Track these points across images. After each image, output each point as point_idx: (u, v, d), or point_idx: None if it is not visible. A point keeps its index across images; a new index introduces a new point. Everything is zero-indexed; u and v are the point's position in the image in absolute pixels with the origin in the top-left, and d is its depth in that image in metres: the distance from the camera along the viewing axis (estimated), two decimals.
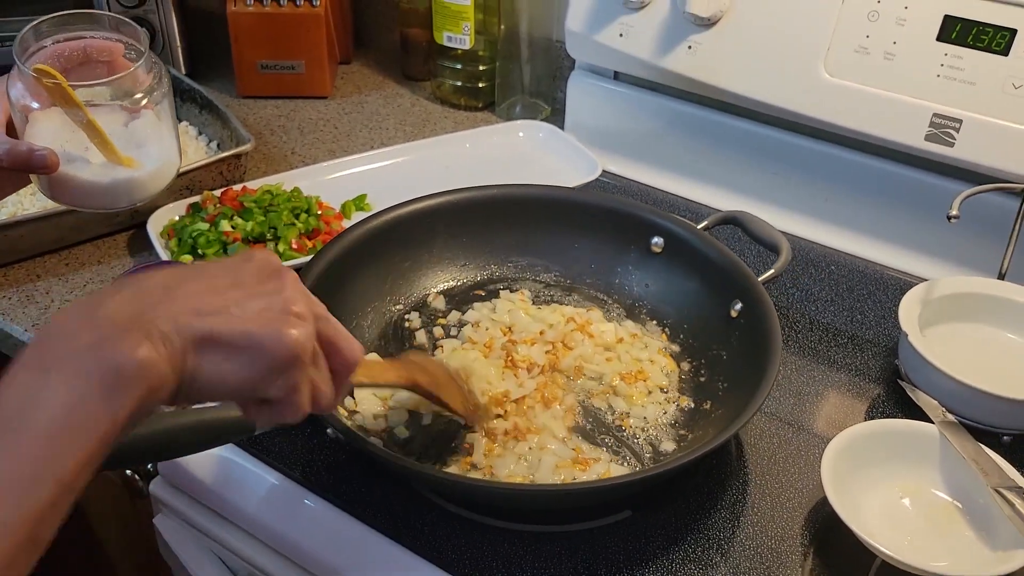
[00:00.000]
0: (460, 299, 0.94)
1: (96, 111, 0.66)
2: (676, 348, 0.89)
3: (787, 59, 0.99)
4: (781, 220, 0.95)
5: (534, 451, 0.75)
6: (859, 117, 0.97)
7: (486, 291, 0.95)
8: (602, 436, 0.79)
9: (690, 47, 1.05)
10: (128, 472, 0.90)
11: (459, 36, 1.29)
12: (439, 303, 0.92)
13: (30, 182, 0.70)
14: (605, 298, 0.95)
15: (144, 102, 0.68)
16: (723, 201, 1.12)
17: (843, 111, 0.98)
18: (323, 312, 0.52)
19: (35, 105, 0.65)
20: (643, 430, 0.80)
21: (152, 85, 0.68)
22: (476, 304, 0.93)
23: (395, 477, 0.75)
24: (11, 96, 0.66)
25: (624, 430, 0.79)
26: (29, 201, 0.99)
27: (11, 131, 0.67)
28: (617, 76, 1.19)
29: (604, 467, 0.75)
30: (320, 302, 0.53)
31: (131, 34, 0.69)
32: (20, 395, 0.42)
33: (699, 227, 0.92)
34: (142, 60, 0.68)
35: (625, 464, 0.77)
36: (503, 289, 0.95)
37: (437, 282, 0.94)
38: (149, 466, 0.88)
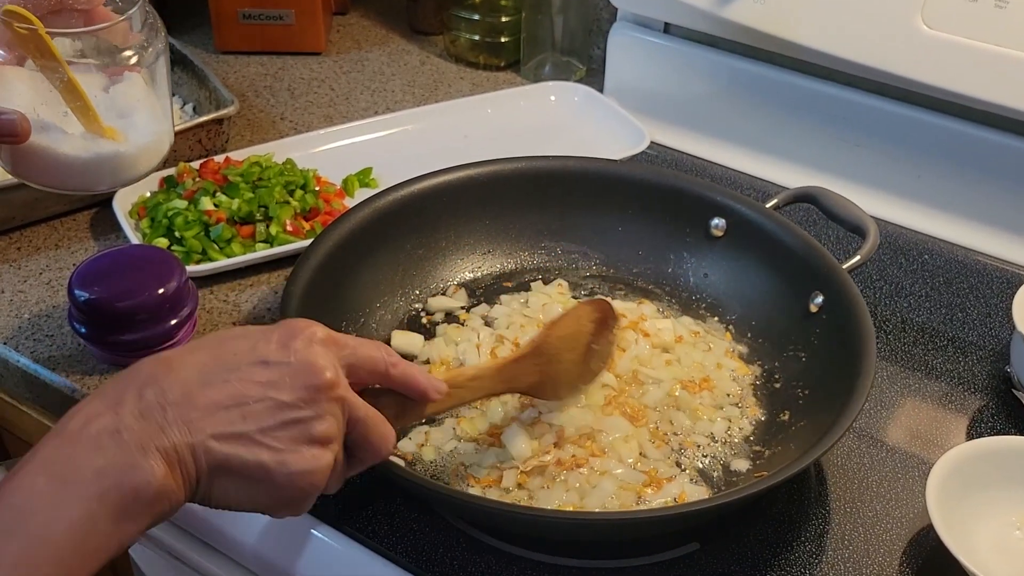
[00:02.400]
0: (485, 292, 0.93)
1: (75, 69, 0.64)
2: (743, 349, 0.88)
3: (877, 7, 0.98)
4: (864, 201, 0.94)
5: (591, 475, 0.75)
6: (963, 77, 0.96)
7: (515, 282, 0.94)
8: (663, 451, 0.78)
9: None
10: None
11: None
12: (460, 297, 0.92)
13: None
14: (656, 290, 0.94)
15: (133, 61, 0.66)
16: (793, 178, 1.11)
17: (943, 70, 0.97)
18: (358, 409, 0.58)
19: (0, 56, 0.63)
20: (711, 445, 0.79)
21: (144, 42, 0.66)
22: (504, 297, 0.93)
23: (421, 503, 0.74)
24: None
25: (686, 448, 0.79)
26: None
27: None
28: (668, 29, 1.19)
29: (679, 488, 0.74)
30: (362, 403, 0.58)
31: None
32: (39, 503, 0.47)
33: (767, 206, 0.92)
34: (135, 9, 0.66)
35: (700, 484, 0.76)
36: (534, 280, 0.94)
37: (457, 272, 0.94)
38: None
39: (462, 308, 0.91)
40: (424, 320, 0.90)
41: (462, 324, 0.89)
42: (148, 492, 0.49)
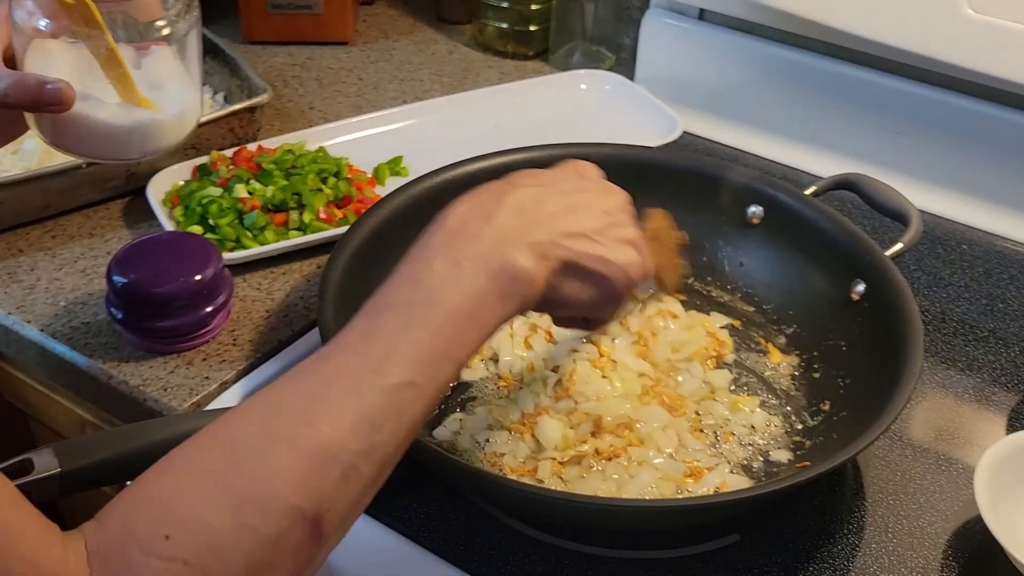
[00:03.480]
0: None
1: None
2: (781, 340, 0.88)
3: None
4: (904, 189, 0.93)
5: (630, 466, 0.74)
6: (1009, 63, 0.95)
7: None
8: (703, 442, 0.78)
9: None
10: (128, 483, 0.89)
11: None
12: None
13: (26, 130, 0.69)
14: (690, 279, 0.94)
15: (165, 33, 0.67)
16: (830, 168, 1.09)
17: (989, 55, 0.96)
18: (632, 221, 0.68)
19: (44, 24, 0.64)
20: (750, 435, 0.79)
21: (175, 16, 0.67)
22: None
23: (457, 492, 0.74)
24: (15, 19, 0.64)
25: (725, 439, 0.78)
26: (9, 161, 0.99)
27: (10, 64, 0.66)
28: (703, 15, 1.18)
29: (720, 478, 0.74)
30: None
31: None
32: (440, 280, 0.56)
33: (807, 193, 0.91)
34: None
35: (740, 474, 0.76)
36: None
37: None
38: None
39: None
40: None
41: None
42: (523, 276, 0.58)
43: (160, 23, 0.66)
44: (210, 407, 0.80)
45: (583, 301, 0.63)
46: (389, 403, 0.52)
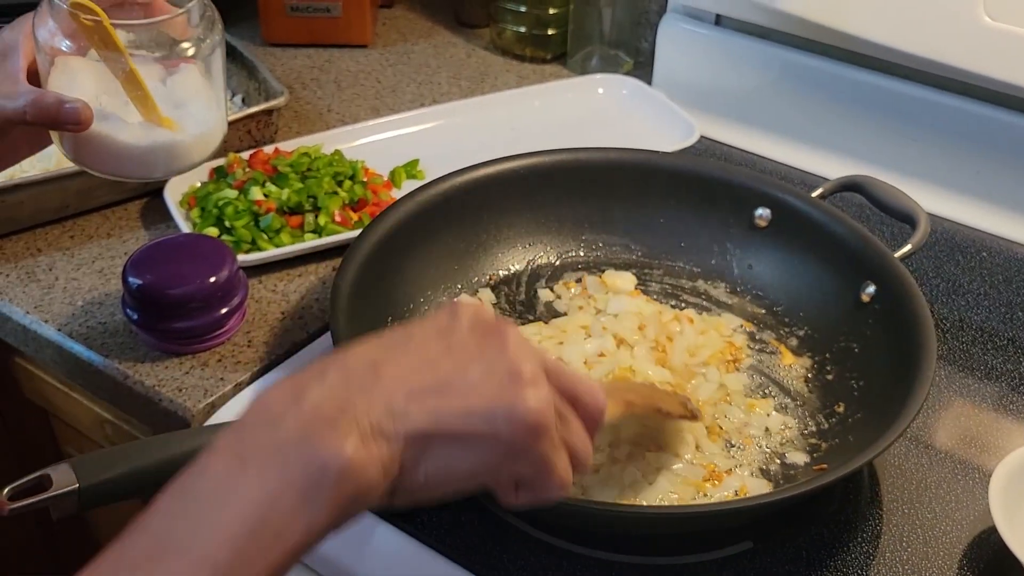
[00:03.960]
0: (528, 282, 0.93)
1: (134, 60, 0.64)
2: (793, 342, 0.87)
3: None
4: (921, 196, 0.93)
5: (648, 472, 0.74)
6: None
7: (552, 275, 0.94)
8: (720, 445, 0.77)
9: None
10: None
11: None
12: (485, 297, 0.91)
13: (51, 142, 0.70)
14: (700, 282, 0.93)
15: (190, 53, 0.67)
16: (848, 174, 1.09)
17: (1006, 63, 0.95)
18: (553, 363, 0.51)
19: (66, 46, 0.64)
20: (767, 438, 0.78)
21: (201, 35, 0.67)
22: (543, 293, 0.92)
23: (474, 499, 0.73)
24: (38, 37, 0.65)
25: (743, 442, 0.78)
26: (28, 162, 0.99)
27: (33, 80, 0.67)
28: (719, 21, 1.18)
29: (739, 481, 0.73)
30: (543, 351, 0.51)
31: None
32: (211, 485, 0.42)
33: (813, 195, 0.91)
34: (193, 3, 0.66)
35: (759, 477, 0.75)
36: (573, 271, 0.94)
37: (497, 266, 0.93)
38: None
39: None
40: None
41: None
42: (335, 465, 0.43)
43: (186, 44, 0.67)
44: (224, 408, 0.80)
45: (470, 470, 0.47)
46: None
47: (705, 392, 0.81)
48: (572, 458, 0.50)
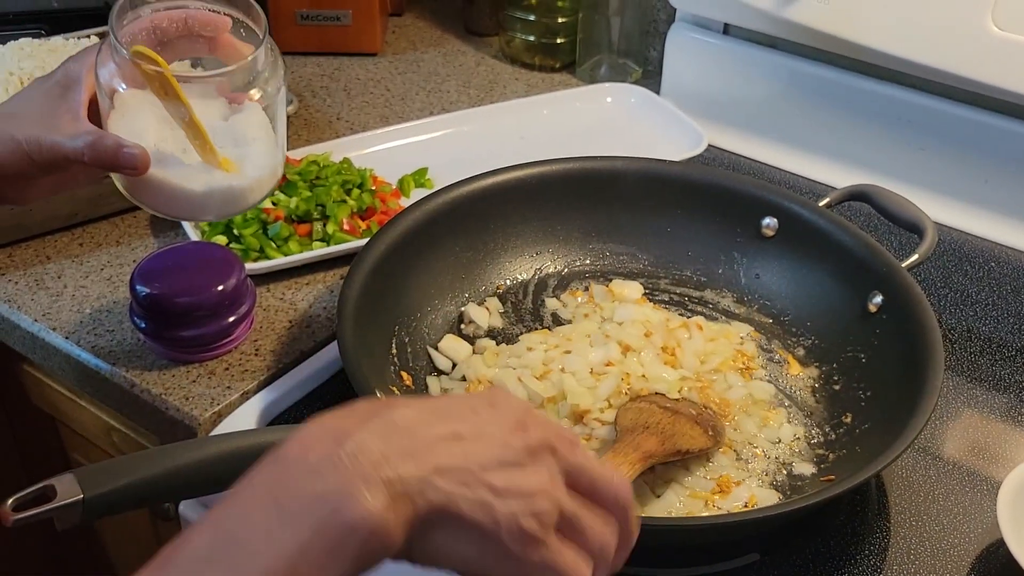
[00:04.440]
0: (534, 292, 0.93)
1: (194, 96, 0.64)
2: (800, 351, 0.87)
3: (945, 8, 0.96)
4: (929, 206, 0.92)
5: (656, 484, 0.73)
6: None
7: (559, 283, 0.94)
8: (729, 457, 0.77)
9: None
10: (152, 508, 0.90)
11: None
12: (493, 306, 0.90)
13: (104, 175, 0.69)
14: (707, 291, 0.93)
15: (256, 97, 0.66)
16: (856, 182, 1.08)
17: (1014, 72, 0.95)
18: (573, 458, 0.51)
19: (123, 89, 0.64)
20: (775, 448, 0.78)
21: (267, 76, 0.66)
22: (551, 302, 0.92)
23: None
24: (100, 76, 0.65)
25: (751, 452, 0.77)
26: None
27: (93, 115, 0.67)
28: (727, 30, 1.17)
29: (748, 491, 0.73)
30: (569, 434, 0.52)
31: (243, 7, 0.68)
32: (250, 532, 0.43)
33: (820, 204, 0.90)
34: (260, 49, 0.66)
35: (767, 487, 0.75)
36: (580, 280, 0.93)
37: (504, 275, 0.93)
38: None
39: (490, 332, 0.88)
40: (463, 328, 0.89)
41: (505, 343, 0.87)
42: (366, 525, 0.44)
43: (253, 91, 0.66)
44: (230, 417, 0.80)
45: (464, 560, 0.48)
46: None
47: (738, 394, 0.81)
48: (592, 554, 0.51)
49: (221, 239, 0.94)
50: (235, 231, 0.94)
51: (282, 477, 0.45)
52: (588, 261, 0.95)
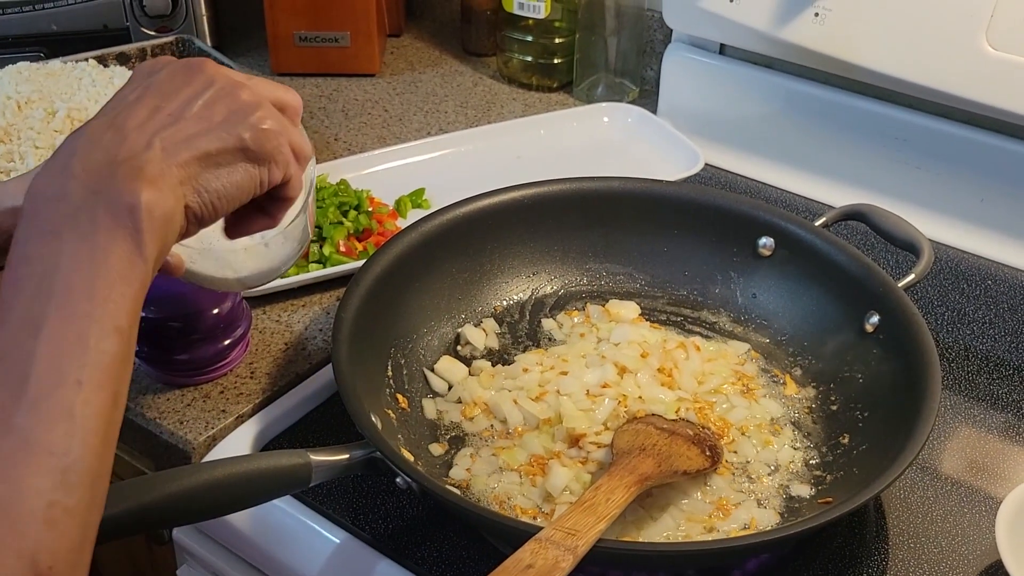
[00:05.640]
0: (531, 312, 0.92)
1: None
2: (797, 371, 0.86)
3: (940, 28, 0.96)
4: (926, 224, 0.92)
5: (653, 508, 0.72)
6: None
7: (556, 304, 0.93)
8: (727, 479, 0.76)
9: (817, 14, 1.02)
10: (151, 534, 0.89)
11: (533, 3, 1.27)
12: (490, 327, 0.90)
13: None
14: (704, 311, 0.93)
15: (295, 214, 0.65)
16: (853, 201, 1.08)
17: (1008, 92, 0.95)
18: (244, 77, 0.58)
19: None
20: (771, 469, 0.77)
21: (307, 192, 0.65)
22: (548, 323, 0.91)
23: (473, 532, 0.73)
24: None
25: (749, 475, 0.76)
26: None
27: None
28: (723, 50, 1.17)
29: (748, 513, 0.72)
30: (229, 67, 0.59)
31: None
32: (43, 265, 0.46)
33: (816, 224, 0.90)
34: (303, 201, 0.64)
35: (766, 508, 0.74)
36: (577, 301, 0.93)
37: (500, 297, 0.92)
38: None
39: (486, 354, 0.88)
40: (460, 349, 0.88)
41: (502, 364, 0.87)
42: (140, 204, 0.49)
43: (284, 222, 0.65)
44: (225, 441, 0.79)
45: (237, 184, 0.55)
46: (57, 417, 0.44)
47: (739, 415, 0.80)
48: (296, 152, 0.59)
49: None
50: None
51: (40, 215, 0.48)
52: (585, 281, 0.95)
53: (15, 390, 0.44)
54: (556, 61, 1.33)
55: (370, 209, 1.02)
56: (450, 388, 0.84)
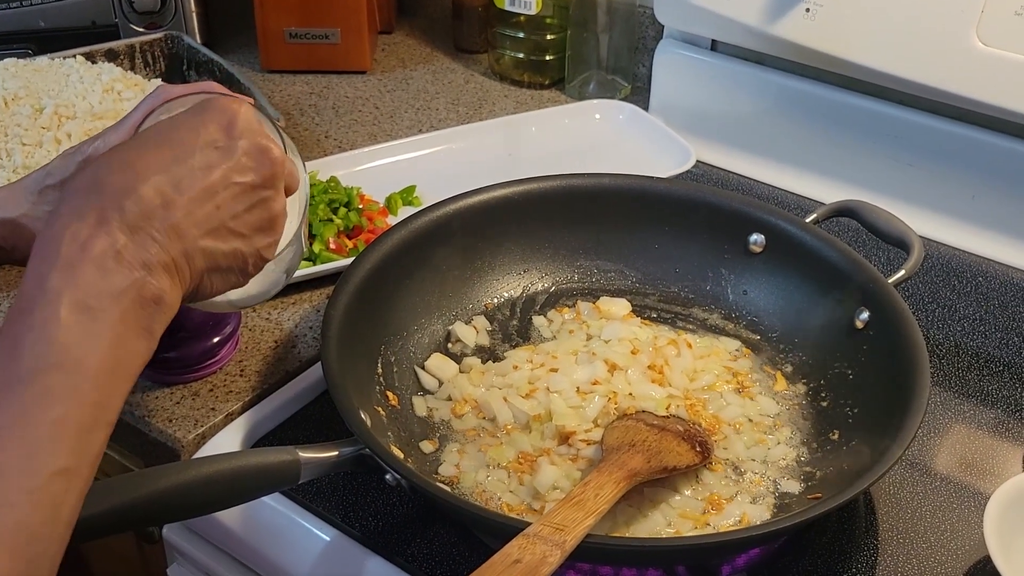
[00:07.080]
0: (522, 310, 0.93)
1: None
2: (788, 368, 0.86)
3: (930, 24, 0.97)
4: (917, 221, 0.92)
5: (643, 504, 0.73)
6: (1019, 95, 0.94)
7: (547, 301, 0.93)
8: (718, 475, 0.76)
9: (808, 9, 1.02)
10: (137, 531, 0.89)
11: None
12: (480, 325, 0.90)
13: None
14: (695, 308, 0.93)
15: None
16: (844, 198, 1.08)
17: (999, 88, 0.95)
18: (267, 138, 0.60)
19: None
20: (761, 465, 0.78)
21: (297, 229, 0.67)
22: (538, 320, 0.92)
23: (462, 528, 0.73)
24: None
25: (741, 470, 0.77)
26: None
27: None
28: (715, 46, 1.17)
29: (740, 508, 0.72)
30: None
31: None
32: (72, 335, 0.48)
33: (807, 221, 0.90)
34: (295, 229, 0.67)
35: (758, 504, 0.74)
36: (568, 298, 0.93)
37: (491, 294, 0.93)
38: None
39: (476, 351, 0.88)
40: (450, 347, 0.88)
41: (492, 361, 0.87)
42: (163, 305, 0.52)
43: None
44: (215, 439, 0.79)
45: (220, 291, 0.60)
46: (42, 502, 0.45)
47: (732, 413, 0.81)
48: (287, 188, 0.63)
49: None
50: None
51: (74, 279, 0.49)
52: (576, 278, 0.95)
53: (19, 467, 0.46)
54: (548, 58, 1.33)
55: (360, 206, 1.02)
56: (440, 385, 0.84)
